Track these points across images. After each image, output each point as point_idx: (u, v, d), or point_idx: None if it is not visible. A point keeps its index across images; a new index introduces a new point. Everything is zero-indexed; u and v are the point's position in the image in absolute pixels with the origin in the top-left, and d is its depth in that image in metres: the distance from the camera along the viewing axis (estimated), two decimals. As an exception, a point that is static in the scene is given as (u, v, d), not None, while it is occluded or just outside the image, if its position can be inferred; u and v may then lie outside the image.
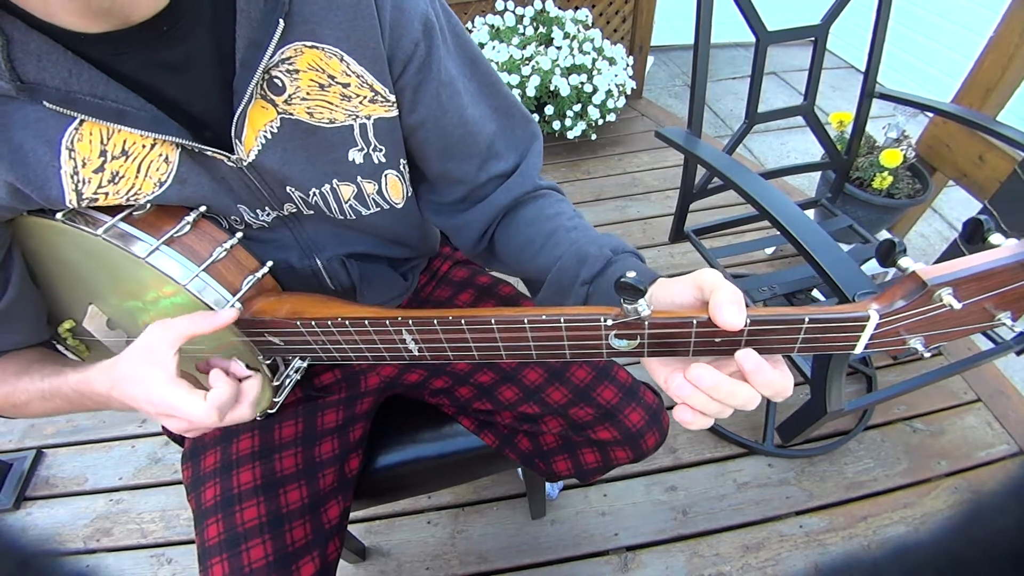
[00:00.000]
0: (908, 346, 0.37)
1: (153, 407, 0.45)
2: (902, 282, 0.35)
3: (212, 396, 0.45)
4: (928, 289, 0.33)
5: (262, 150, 0.47)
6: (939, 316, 0.35)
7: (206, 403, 0.44)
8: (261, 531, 0.59)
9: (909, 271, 0.35)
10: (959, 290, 0.34)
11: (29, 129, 0.41)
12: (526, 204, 0.59)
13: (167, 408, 0.44)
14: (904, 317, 0.35)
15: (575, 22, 2.13)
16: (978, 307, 0.35)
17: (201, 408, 0.44)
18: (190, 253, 0.49)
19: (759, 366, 0.35)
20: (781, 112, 1.16)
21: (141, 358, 0.45)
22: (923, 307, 0.35)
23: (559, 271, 0.52)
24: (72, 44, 0.39)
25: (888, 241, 0.35)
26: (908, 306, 0.35)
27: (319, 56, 0.45)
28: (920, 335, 0.37)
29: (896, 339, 0.37)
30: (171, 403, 0.44)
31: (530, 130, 0.60)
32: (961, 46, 2.42)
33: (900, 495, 1.21)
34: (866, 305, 0.36)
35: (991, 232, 0.34)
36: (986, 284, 0.34)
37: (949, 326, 0.37)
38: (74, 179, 0.44)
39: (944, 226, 2.11)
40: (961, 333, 0.38)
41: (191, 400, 0.44)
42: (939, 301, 0.34)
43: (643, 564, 1.12)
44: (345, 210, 0.55)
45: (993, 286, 0.34)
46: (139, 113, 0.42)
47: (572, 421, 0.70)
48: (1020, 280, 0.34)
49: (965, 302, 0.34)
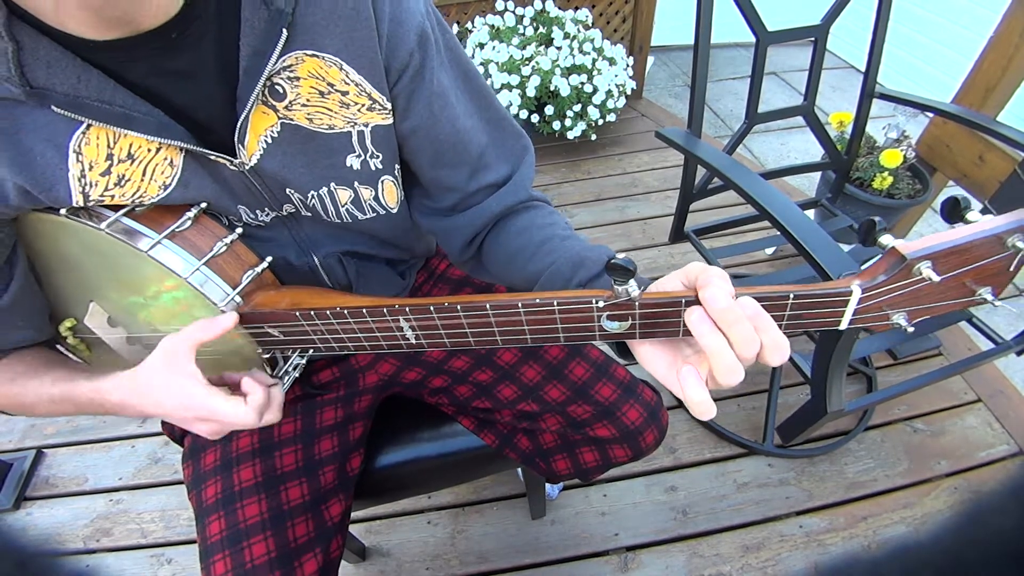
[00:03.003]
0: (892, 321, 0.39)
1: (190, 412, 0.47)
2: (883, 258, 0.36)
3: (252, 400, 0.49)
4: (907, 263, 0.35)
5: (263, 154, 0.48)
6: (920, 290, 0.37)
7: (247, 406, 0.48)
8: (263, 527, 0.59)
9: (889, 247, 0.36)
10: (938, 264, 0.35)
11: (38, 133, 0.42)
12: (518, 214, 0.60)
13: (211, 414, 0.47)
14: (886, 291, 0.37)
15: (575, 22, 2.13)
16: (957, 281, 0.37)
17: (243, 411, 0.47)
18: (191, 247, 0.50)
19: (758, 311, 0.36)
20: (781, 112, 1.16)
21: (167, 369, 0.47)
22: (903, 280, 0.36)
23: (552, 275, 0.53)
24: (81, 51, 0.40)
25: (868, 220, 0.37)
26: (889, 280, 0.36)
27: (319, 64, 0.46)
28: (903, 310, 0.38)
29: (880, 314, 0.38)
30: (213, 408, 0.47)
31: (521, 143, 0.61)
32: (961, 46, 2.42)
33: (900, 495, 1.21)
34: (849, 281, 0.37)
35: (968, 210, 0.36)
36: (964, 258, 0.35)
37: (931, 300, 0.38)
38: (81, 182, 0.45)
39: (944, 226, 2.11)
40: (944, 308, 0.39)
41: (233, 405, 0.47)
42: (919, 275, 0.35)
43: (643, 564, 1.12)
44: (342, 214, 0.56)
45: (971, 260, 0.35)
46: (146, 118, 0.43)
47: (570, 419, 0.70)
48: (996, 254, 0.35)
49: (944, 275, 0.35)
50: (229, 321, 0.48)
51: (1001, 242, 0.35)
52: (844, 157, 1.30)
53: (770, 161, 2.45)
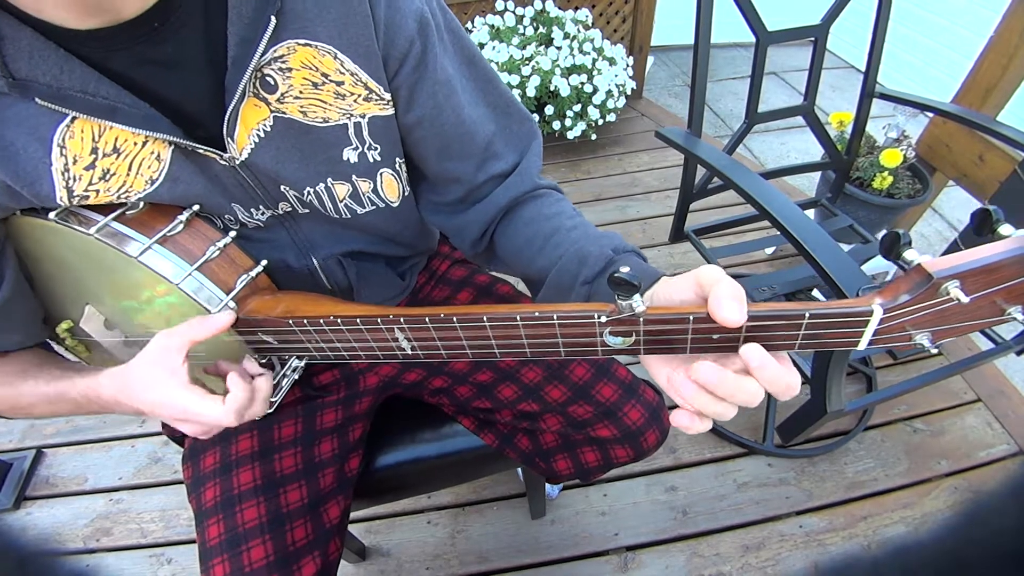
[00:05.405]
0: (914, 342, 0.36)
1: (169, 412, 0.46)
2: (907, 275, 0.34)
3: (230, 400, 0.47)
4: (934, 282, 0.32)
5: (255, 149, 0.47)
6: (946, 310, 0.34)
7: (224, 407, 0.46)
8: (261, 531, 0.59)
9: (915, 264, 0.33)
10: (966, 283, 0.32)
11: (21, 126, 0.41)
12: (525, 204, 0.59)
13: (184, 413, 0.46)
14: (909, 311, 0.34)
15: (575, 22, 2.13)
16: (987, 301, 0.33)
17: (219, 411, 0.46)
18: (183, 252, 0.49)
19: (764, 362, 0.34)
20: (781, 112, 1.16)
21: (153, 366, 0.46)
22: (929, 301, 0.33)
23: (559, 272, 0.52)
24: (64, 41, 0.39)
25: (892, 233, 0.34)
26: (913, 300, 0.33)
27: (312, 54, 0.45)
28: (926, 330, 0.35)
29: (901, 335, 0.35)
30: (188, 408, 0.45)
31: (529, 129, 0.60)
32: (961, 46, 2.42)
33: (900, 495, 1.21)
34: (870, 300, 0.34)
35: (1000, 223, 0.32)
36: (995, 277, 0.32)
37: (957, 320, 0.35)
38: (65, 176, 0.44)
39: (944, 226, 2.11)
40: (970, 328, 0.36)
41: (209, 405, 0.46)
42: (946, 295, 0.32)
43: (643, 564, 1.12)
44: (340, 209, 0.55)
45: (1002, 279, 0.32)
46: (131, 110, 0.42)
47: (571, 419, 0.70)
48: None
49: (973, 295, 0.32)
50: (224, 320, 0.47)
51: None
52: (844, 157, 1.30)
53: (770, 161, 2.45)
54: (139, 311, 0.54)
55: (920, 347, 0.36)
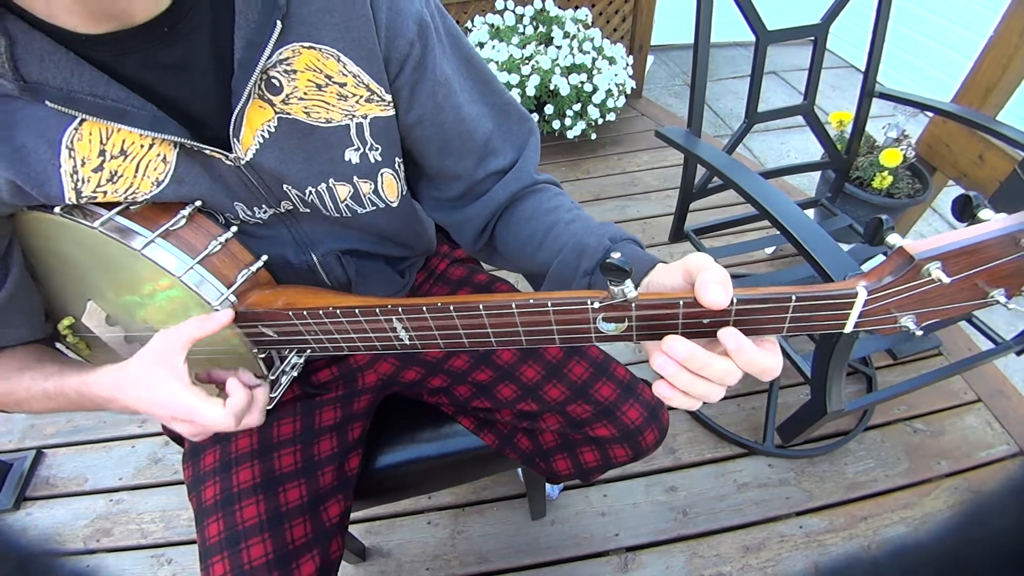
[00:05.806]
0: (900, 324, 0.37)
1: (170, 411, 0.47)
2: (890, 258, 0.35)
3: (231, 403, 0.48)
4: (916, 263, 0.33)
5: (260, 149, 0.48)
6: (929, 292, 0.35)
7: (225, 410, 0.47)
8: (260, 529, 0.59)
9: (897, 247, 0.34)
10: (948, 264, 0.33)
11: (31, 128, 0.42)
12: (524, 199, 0.59)
13: (188, 413, 0.46)
14: (893, 293, 0.35)
15: (575, 21, 2.13)
16: (969, 283, 0.35)
17: (220, 414, 0.46)
18: (185, 246, 0.49)
19: (741, 344, 0.36)
20: (781, 112, 1.16)
21: (154, 365, 0.46)
22: (912, 282, 0.34)
23: (560, 265, 0.53)
24: (74, 45, 0.40)
25: (875, 218, 0.35)
26: (896, 281, 0.34)
27: (316, 56, 0.46)
28: (911, 312, 0.36)
29: (887, 317, 0.37)
30: (190, 408, 0.46)
31: (527, 126, 0.61)
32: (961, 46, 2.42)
33: (900, 495, 1.21)
34: (854, 282, 0.35)
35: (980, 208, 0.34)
36: (975, 258, 0.33)
37: (941, 303, 0.36)
38: (73, 178, 0.45)
39: (944, 226, 2.11)
40: (954, 311, 0.37)
41: (210, 407, 0.46)
42: (927, 276, 0.33)
43: (643, 564, 1.12)
44: (341, 208, 0.55)
45: (982, 260, 0.33)
46: (139, 113, 0.43)
47: (570, 418, 0.70)
48: (1009, 254, 0.33)
49: (954, 277, 0.34)
50: (223, 318, 0.48)
51: (1015, 242, 0.33)
52: (844, 156, 1.30)
53: (770, 160, 2.45)
54: (141, 306, 0.54)
55: (906, 329, 0.37)
